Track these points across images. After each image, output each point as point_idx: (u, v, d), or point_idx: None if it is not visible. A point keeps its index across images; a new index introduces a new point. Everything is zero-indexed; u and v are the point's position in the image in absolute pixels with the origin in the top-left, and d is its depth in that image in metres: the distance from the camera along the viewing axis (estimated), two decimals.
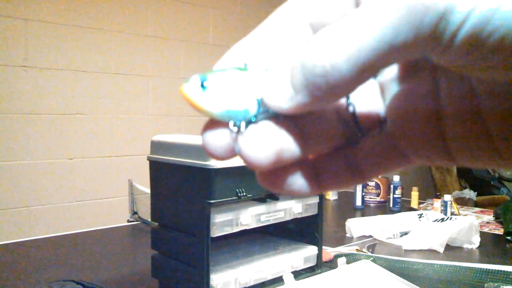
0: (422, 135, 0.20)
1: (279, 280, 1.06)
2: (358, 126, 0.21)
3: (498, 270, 1.16)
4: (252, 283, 1.01)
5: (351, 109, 0.21)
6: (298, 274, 1.11)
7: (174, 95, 2.73)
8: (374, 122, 0.21)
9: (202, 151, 0.94)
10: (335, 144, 0.22)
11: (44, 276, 1.19)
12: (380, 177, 2.19)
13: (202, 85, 0.19)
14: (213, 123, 0.19)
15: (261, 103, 0.19)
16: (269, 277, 1.05)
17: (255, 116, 0.19)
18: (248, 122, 0.19)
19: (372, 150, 0.21)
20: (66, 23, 2.28)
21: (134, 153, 2.52)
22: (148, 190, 1.11)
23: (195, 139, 0.98)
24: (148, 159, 1.07)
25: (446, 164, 0.20)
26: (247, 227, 1.01)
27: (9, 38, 2.12)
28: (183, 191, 0.99)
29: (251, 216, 1.01)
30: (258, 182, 0.20)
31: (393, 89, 0.21)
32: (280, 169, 0.20)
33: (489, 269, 1.17)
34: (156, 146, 1.06)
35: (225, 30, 2.94)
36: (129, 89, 2.54)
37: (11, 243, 1.52)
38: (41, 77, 2.22)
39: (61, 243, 1.53)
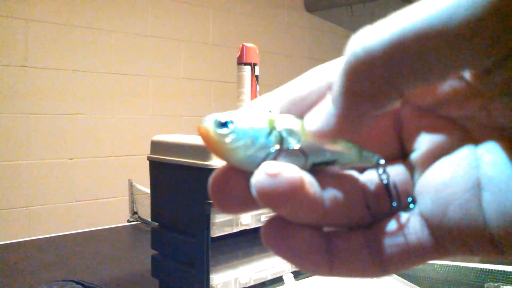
0: (460, 219, 0.16)
1: (279, 280, 1.06)
2: (391, 198, 0.18)
3: (498, 270, 1.16)
4: (252, 283, 1.01)
5: (384, 177, 0.19)
6: (298, 274, 1.11)
7: (174, 95, 2.73)
8: (403, 201, 0.19)
9: (202, 151, 0.94)
10: (357, 220, 0.19)
11: (44, 276, 1.19)
12: None
13: (224, 125, 0.17)
14: (227, 171, 0.18)
15: (285, 148, 0.17)
16: (269, 277, 1.05)
17: (276, 157, 0.17)
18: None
19: (399, 235, 0.18)
20: (66, 23, 2.28)
21: (134, 153, 2.52)
22: (148, 190, 1.11)
23: (195, 139, 0.98)
24: (148, 159, 1.07)
25: (492, 257, 0.17)
26: (247, 227, 1.01)
27: (9, 38, 2.12)
28: (183, 191, 0.99)
29: (251, 216, 1.01)
30: (263, 241, 0.18)
31: (425, 166, 0.18)
32: (290, 228, 0.18)
33: (489, 269, 1.17)
34: (156, 146, 1.06)
35: (225, 30, 2.94)
36: (129, 89, 2.54)
37: (11, 243, 1.52)
38: (41, 77, 2.22)
39: (61, 243, 1.53)
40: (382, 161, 0.19)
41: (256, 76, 1.09)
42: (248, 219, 1.00)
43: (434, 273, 1.20)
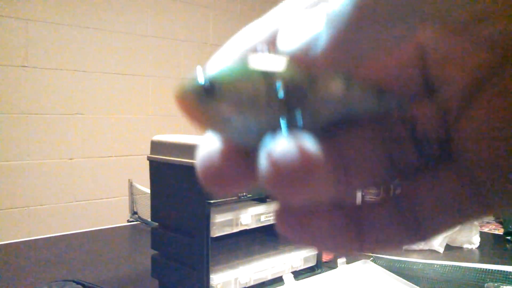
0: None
1: (279, 280, 1.06)
2: (421, 147, 0.15)
3: (498, 270, 1.16)
4: (252, 283, 1.01)
5: (409, 121, 0.15)
6: (298, 274, 1.11)
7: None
8: (437, 149, 0.15)
9: None
10: (381, 181, 0.16)
11: (44, 276, 1.19)
12: None
13: (210, 91, 0.13)
14: (218, 145, 0.14)
15: (289, 110, 0.13)
16: (269, 277, 1.05)
17: (283, 128, 0.13)
18: (272, 136, 0.13)
19: (436, 192, 0.15)
20: (66, 23, 2.28)
21: (134, 153, 2.52)
22: (148, 190, 1.11)
23: (195, 139, 0.98)
24: (148, 159, 1.07)
25: None
26: (247, 227, 1.01)
27: (9, 38, 2.12)
28: (183, 191, 0.99)
29: (251, 216, 1.01)
30: (279, 232, 0.15)
31: (462, 105, 0.15)
32: (309, 213, 0.15)
33: (489, 269, 1.17)
34: (156, 146, 1.06)
35: (225, 30, 2.94)
36: (129, 89, 2.54)
37: (11, 243, 1.52)
38: (41, 77, 2.22)
39: (61, 243, 1.53)
40: (406, 102, 0.15)
41: None
42: (248, 219, 1.00)
43: (434, 273, 1.20)
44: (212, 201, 0.91)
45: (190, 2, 2.76)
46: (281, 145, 0.13)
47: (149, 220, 1.31)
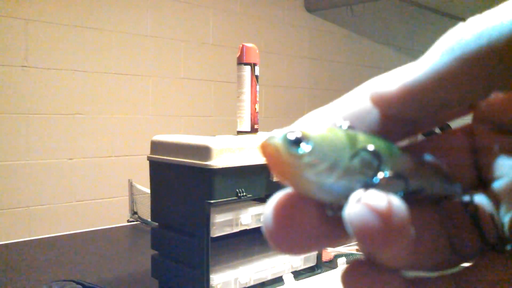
0: None
1: (279, 280, 1.06)
2: (483, 234, 0.16)
3: None
4: (252, 283, 1.01)
5: (472, 209, 0.16)
6: (298, 274, 1.11)
7: (174, 95, 2.73)
8: (493, 237, 0.16)
9: (202, 151, 0.94)
10: (441, 261, 0.16)
11: (44, 276, 1.19)
12: None
13: (298, 144, 0.13)
14: (294, 200, 0.14)
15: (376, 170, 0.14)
16: (269, 277, 1.05)
17: (369, 185, 0.14)
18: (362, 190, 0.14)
19: (493, 275, 0.16)
20: (66, 23, 2.28)
21: (134, 153, 2.52)
22: (148, 190, 1.11)
23: (195, 139, 0.98)
24: (148, 159, 1.07)
25: None
26: (247, 227, 1.01)
27: (9, 38, 2.12)
28: (183, 191, 0.99)
29: (251, 216, 1.00)
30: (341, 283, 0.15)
31: None
32: (376, 274, 0.15)
33: None
34: (156, 146, 1.06)
35: (225, 30, 2.94)
36: (129, 89, 2.54)
37: (11, 243, 1.52)
38: (41, 77, 2.22)
39: (61, 243, 1.53)
40: (464, 190, 0.16)
41: (256, 76, 1.09)
42: (248, 219, 1.00)
43: None
44: (212, 201, 0.91)
45: (190, 2, 2.76)
46: (377, 197, 0.13)
47: (149, 220, 1.31)
